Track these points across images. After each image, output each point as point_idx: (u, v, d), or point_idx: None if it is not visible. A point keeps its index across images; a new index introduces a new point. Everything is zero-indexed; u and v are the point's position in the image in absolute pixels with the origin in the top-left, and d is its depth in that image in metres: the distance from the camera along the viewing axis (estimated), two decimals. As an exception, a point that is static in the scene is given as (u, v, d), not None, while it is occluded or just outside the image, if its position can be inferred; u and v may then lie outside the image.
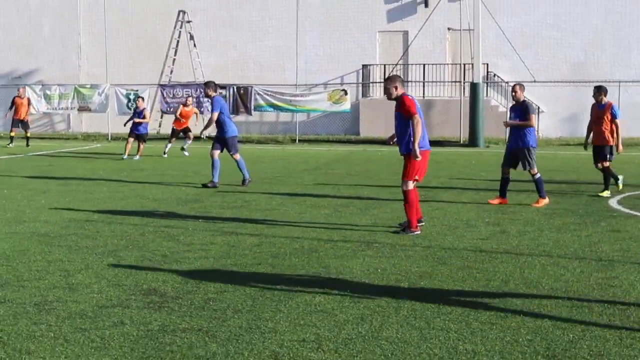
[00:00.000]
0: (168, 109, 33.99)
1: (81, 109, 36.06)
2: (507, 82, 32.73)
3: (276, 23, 36.20)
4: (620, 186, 15.91)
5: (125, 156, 24.74)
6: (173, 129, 26.43)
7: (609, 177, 15.64)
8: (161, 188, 16.79)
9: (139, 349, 5.96)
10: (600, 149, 15.43)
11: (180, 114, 26.11)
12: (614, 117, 15.27)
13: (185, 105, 26.58)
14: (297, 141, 33.02)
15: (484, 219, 12.59)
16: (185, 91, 33.72)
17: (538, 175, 14.03)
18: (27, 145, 30.48)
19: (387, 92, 11.30)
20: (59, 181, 18.11)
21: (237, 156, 17.26)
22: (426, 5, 34.55)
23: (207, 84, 17.83)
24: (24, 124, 31.09)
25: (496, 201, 14.27)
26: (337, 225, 11.83)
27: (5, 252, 9.70)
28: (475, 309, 7.13)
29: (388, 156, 25.71)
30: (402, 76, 34.12)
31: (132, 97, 33.99)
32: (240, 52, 36.56)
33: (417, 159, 10.76)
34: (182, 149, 25.91)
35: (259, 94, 33.61)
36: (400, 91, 11.12)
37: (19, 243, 10.31)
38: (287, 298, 7.51)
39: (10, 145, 30.60)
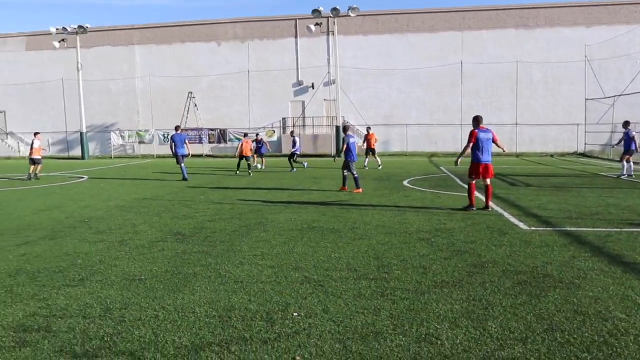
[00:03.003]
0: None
1: (140, 142, 35.95)
2: (354, 125, 33.70)
3: (239, 98, 36.32)
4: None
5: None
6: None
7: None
8: (179, 181, 16.41)
9: (172, 262, 6.14)
10: None
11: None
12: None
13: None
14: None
15: (344, 194, 12.53)
16: (194, 132, 34.05)
17: (356, 175, 12.76)
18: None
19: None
20: (130, 179, 17.60)
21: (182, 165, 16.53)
22: (313, 88, 35.17)
23: (175, 128, 17.52)
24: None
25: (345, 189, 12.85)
26: (270, 198, 11.79)
27: (102, 215, 9.57)
28: (341, 235, 7.43)
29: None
30: (302, 124, 34.72)
31: (166, 135, 34.10)
32: (222, 112, 36.47)
33: (455, 166, 9.80)
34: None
35: (231, 133, 33.68)
36: (474, 126, 9.24)
37: (109, 211, 10.18)
38: (247, 234, 7.72)
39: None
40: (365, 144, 21.41)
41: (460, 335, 3.91)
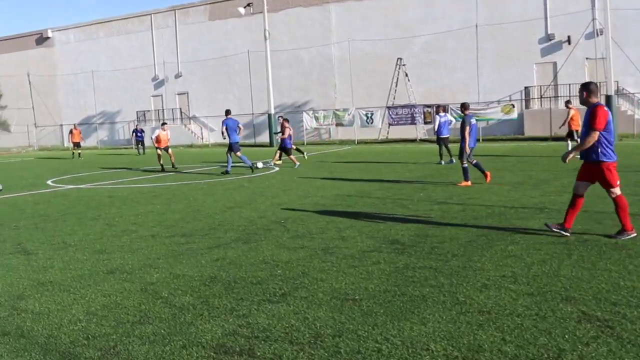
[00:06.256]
0: (394, 122, 35.25)
1: (338, 125, 37.39)
2: (633, 93, 30.75)
3: (463, 63, 35.87)
4: None
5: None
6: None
7: None
8: (389, 174, 16.82)
9: (391, 279, 6.22)
10: None
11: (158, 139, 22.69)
12: None
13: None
14: (480, 140, 32.31)
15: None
16: (404, 110, 34.75)
17: (465, 165, 13.55)
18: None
19: (580, 97, 7.77)
20: (327, 170, 18.73)
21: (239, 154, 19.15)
22: (569, 43, 32.93)
23: (226, 111, 20.10)
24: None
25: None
26: (516, 197, 11.42)
27: (299, 216, 10.27)
28: (631, 254, 6.81)
29: (545, 149, 24.48)
30: (553, 94, 32.78)
31: (369, 115, 35.34)
32: (440, 83, 36.50)
33: (563, 162, 7.86)
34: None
35: (453, 109, 33.37)
36: (593, 100, 7.62)
37: (307, 210, 10.89)
38: (488, 246, 7.52)
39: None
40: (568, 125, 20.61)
41: None
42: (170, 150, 22.49)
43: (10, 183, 20.00)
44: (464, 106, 14.09)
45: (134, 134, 36.30)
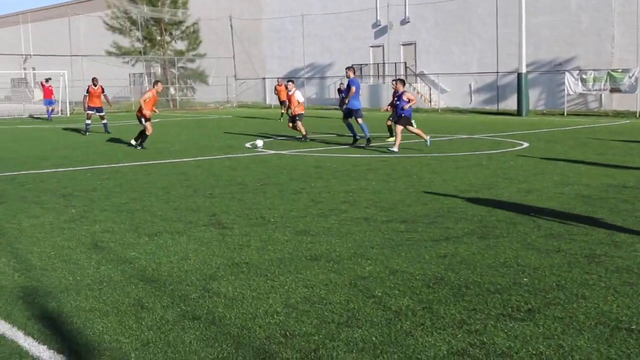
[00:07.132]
0: None
1: (613, 90, 35.24)
2: None
3: None
4: None
5: None
6: None
7: None
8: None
9: None
10: None
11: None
12: None
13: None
14: None
15: None
16: None
17: None
18: None
19: None
20: (595, 151, 17.93)
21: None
22: None
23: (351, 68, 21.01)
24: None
25: None
26: None
27: (554, 208, 9.94)
28: None
29: None
30: None
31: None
32: None
33: None
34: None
35: None
36: None
37: (566, 202, 10.57)
38: None
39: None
40: None
41: None
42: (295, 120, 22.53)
43: (207, 143, 21.80)
44: None
45: (340, 93, 37.26)
